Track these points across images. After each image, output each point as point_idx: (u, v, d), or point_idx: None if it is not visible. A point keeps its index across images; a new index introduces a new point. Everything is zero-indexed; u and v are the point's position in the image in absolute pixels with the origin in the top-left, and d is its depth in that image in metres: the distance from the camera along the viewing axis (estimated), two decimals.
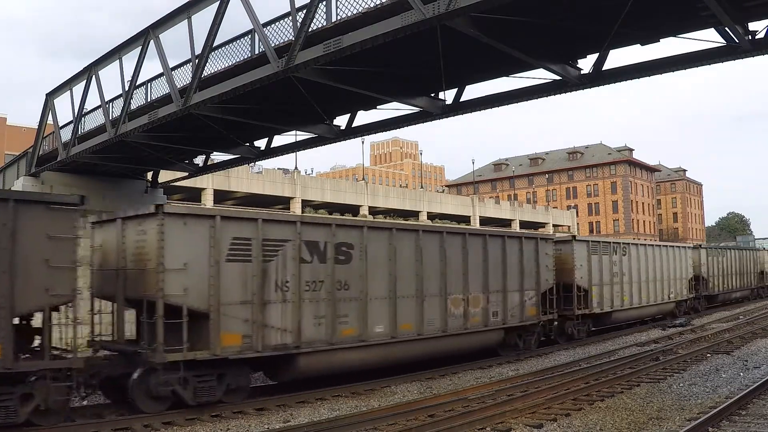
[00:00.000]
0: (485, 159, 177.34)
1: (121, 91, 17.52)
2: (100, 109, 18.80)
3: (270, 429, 10.41)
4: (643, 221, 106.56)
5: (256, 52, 13.96)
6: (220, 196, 45.55)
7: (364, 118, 18.14)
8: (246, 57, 14.27)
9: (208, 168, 25.88)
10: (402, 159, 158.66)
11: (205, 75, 14.52)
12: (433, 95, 15.64)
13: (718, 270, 34.60)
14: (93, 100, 19.87)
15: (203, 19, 14.27)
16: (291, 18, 12.17)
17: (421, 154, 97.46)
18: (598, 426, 10.11)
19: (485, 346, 17.77)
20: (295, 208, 48.54)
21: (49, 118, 21.80)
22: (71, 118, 20.02)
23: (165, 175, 26.77)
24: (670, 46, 18.01)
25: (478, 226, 59.88)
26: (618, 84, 13.97)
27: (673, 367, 15.54)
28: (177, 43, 17.69)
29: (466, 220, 65.01)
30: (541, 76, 13.90)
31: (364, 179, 65.24)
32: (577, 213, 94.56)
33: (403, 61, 13.62)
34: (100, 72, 18.34)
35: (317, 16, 11.69)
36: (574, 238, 22.47)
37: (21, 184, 22.89)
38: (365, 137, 32.70)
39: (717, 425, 9.81)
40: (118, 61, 17.45)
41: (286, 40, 12.81)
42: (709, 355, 17.57)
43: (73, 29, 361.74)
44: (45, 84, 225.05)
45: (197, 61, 14.23)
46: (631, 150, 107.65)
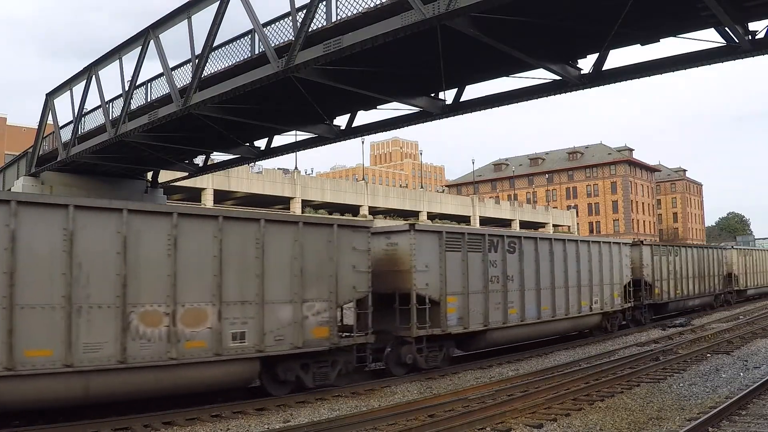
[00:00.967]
0: (485, 159, 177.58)
1: (121, 91, 17.54)
2: (100, 109, 18.82)
3: (270, 429, 10.40)
4: (643, 221, 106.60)
5: (256, 52, 13.97)
6: (220, 196, 45.57)
7: (364, 118, 18.18)
8: (246, 57, 14.29)
9: (208, 168, 25.90)
10: (402, 159, 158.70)
11: (205, 75, 14.53)
12: (433, 95, 15.65)
13: (667, 272, 28.15)
14: (93, 100, 19.92)
15: (203, 19, 14.30)
16: (291, 18, 12.18)
17: (421, 154, 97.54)
18: (598, 426, 10.11)
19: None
20: (295, 208, 48.56)
21: (49, 118, 21.82)
22: (71, 118, 20.04)
23: (165, 175, 26.80)
24: (670, 46, 18.06)
25: (478, 226, 59.90)
26: (618, 84, 13.98)
27: (673, 367, 15.52)
28: (177, 43, 17.71)
29: (466, 220, 65.02)
30: (541, 76, 13.93)
31: (364, 179, 65.25)
32: (577, 213, 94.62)
33: (403, 61, 13.63)
34: (100, 72, 18.36)
35: (317, 16, 11.70)
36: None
37: (21, 184, 22.91)
38: (365, 137, 32.77)
39: (717, 425, 9.80)
40: (118, 61, 17.48)
41: (286, 40, 12.82)
42: (709, 355, 17.57)
43: (73, 29, 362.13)
44: (45, 84, 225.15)
45: (197, 61, 14.24)
46: (631, 150, 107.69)
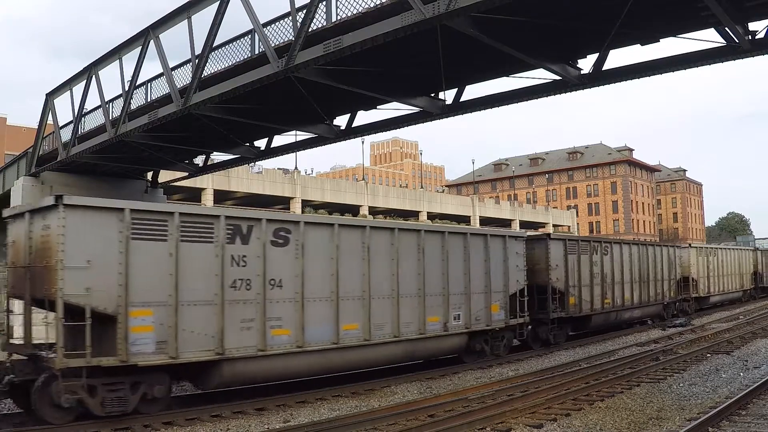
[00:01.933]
0: (485, 159, 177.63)
1: (121, 91, 17.52)
2: (100, 109, 18.81)
3: (270, 429, 10.41)
4: (643, 221, 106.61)
5: (256, 52, 13.96)
6: (220, 196, 45.55)
7: (364, 118, 18.16)
8: (246, 57, 14.28)
9: (208, 168, 25.89)
10: (402, 159, 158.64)
11: (205, 75, 14.52)
12: (433, 95, 15.65)
13: (590, 276, 21.83)
14: (93, 100, 19.89)
15: (203, 19, 14.29)
16: (291, 18, 12.17)
17: (421, 154, 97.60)
18: (598, 426, 10.11)
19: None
20: (295, 208, 48.55)
21: (49, 118, 21.81)
22: (71, 118, 20.03)
23: (165, 175, 26.78)
24: (670, 46, 18.00)
25: (478, 226, 59.86)
26: (618, 84, 13.96)
27: (673, 367, 15.53)
28: (177, 43, 17.71)
29: (466, 220, 65.01)
30: (541, 76, 13.92)
31: (364, 179, 65.25)
32: (577, 213, 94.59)
33: (403, 61, 13.62)
34: (100, 72, 18.35)
35: (317, 16, 11.69)
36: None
37: (21, 184, 22.90)
38: (365, 137, 32.75)
39: (717, 425, 9.80)
40: (118, 61, 17.47)
41: (286, 40, 12.81)
42: (709, 355, 17.57)
43: (76, 30, 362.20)
44: (47, 84, 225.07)
45: (197, 61, 14.24)
46: (631, 150, 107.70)
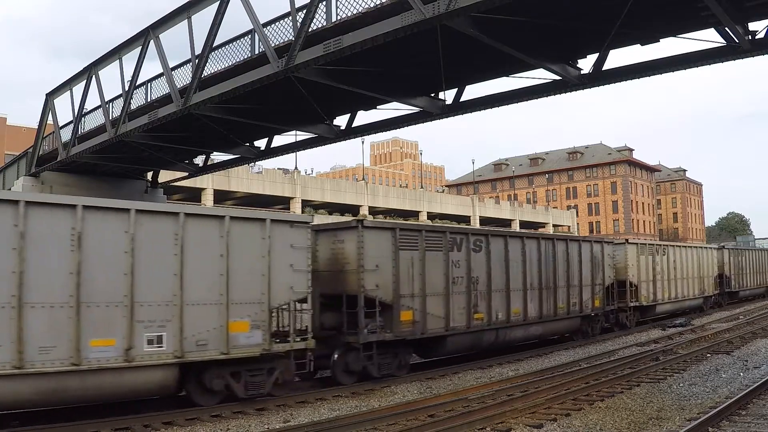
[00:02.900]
0: (485, 159, 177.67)
1: (121, 91, 17.53)
2: (100, 109, 18.82)
3: (270, 429, 10.40)
4: (643, 221, 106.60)
5: (256, 52, 13.97)
6: (220, 196, 45.56)
7: (364, 118, 18.18)
8: (246, 57, 14.29)
9: (208, 168, 25.91)
10: (402, 159, 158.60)
11: (205, 75, 14.53)
12: (433, 95, 15.66)
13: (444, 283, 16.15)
14: (93, 100, 19.90)
15: (203, 19, 14.29)
16: (291, 18, 12.18)
17: (421, 154, 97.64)
18: (598, 426, 10.11)
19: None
20: (295, 208, 48.54)
21: (49, 118, 21.82)
22: (71, 118, 20.04)
23: (165, 175, 26.80)
24: (670, 46, 18.04)
25: (478, 226, 59.86)
26: (618, 84, 13.96)
27: (673, 367, 15.52)
28: (177, 43, 17.71)
29: (466, 220, 65.02)
30: (541, 76, 13.93)
31: (364, 179, 65.24)
32: (577, 213, 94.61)
33: (403, 61, 13.63)
34: (100, 72, 18.36)
35: (317, 16, 11.70)
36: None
37: (21, 184, 22.90)
38: (365, 137, 32.77)
39: (717, 425, 9.80)
40: (118, 61, 17.48)
41: (286, 40, 12.82)
42: (709, 355, 17.56)
43: (76, 30, 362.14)
44: (47, 84, 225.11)
45: (197, 61, 14.24)
46: (631, 150, 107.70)
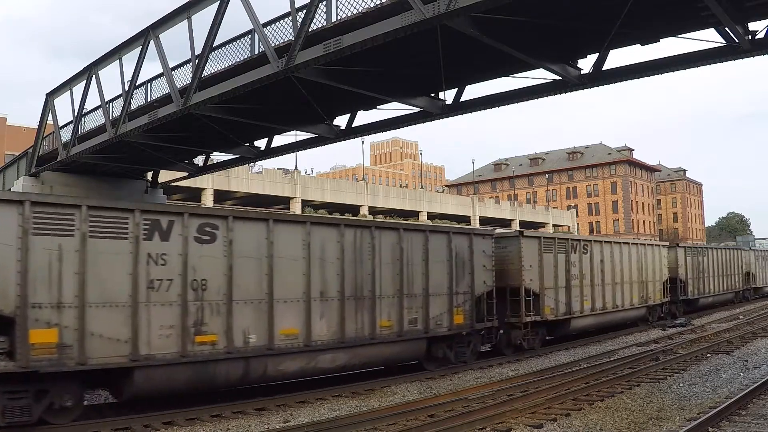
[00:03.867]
0: (485, 159, 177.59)
1: (121, 91, 17.52)
2: (100, 109, 18.80)
3: (270, 429, 10.40)
4: (643, 221, 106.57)
5: (256, 52, 13.96)
6: (220, 196, 45.58)
7: (364, 118, 18.15)
8: (246, 57, 14.27)
9: (208, 168, 25.89)
10: (402, 159, 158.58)
11: (205, 75, 14.52)
12: (433, 95, 15.64)
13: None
14: (93, 100, 19.89)
15: (203, 19, 14.29)
16: (291, 18, 12.17)
17: (421, 154, 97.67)
18: (598, 426, 10.11)
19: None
20: (295, 208, 48.55)
21: (49, 118, 21.81)
22: (71, 118, 20.03)
23: (165, 175, 26.79)
24: (670, 46, 17.99)
25: (478, 226, 59.85)
26: (618, 84, 13.95)
27: (673, 367, 15.52)
28: (177, 43, 17.70)
29: (466, 220, 64.99)
30: (541, 76, 13.91)
31: (364, 179, 65.23)
32: (577, 213, 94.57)
33: (403, 61, 13.62)
34: (100, 72, 18.35)
35: (317, 16, 11.69)
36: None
37: (21, 185, 22.90)
38: (365, 137, 32.76)
39: (717, 425, 9.80)
40: (118, 61, 17.47)
41: (286, 40, 12.80)
42: (709, 355, 17.56)
43: (76, 30, 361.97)
44: (47, 84, 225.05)
45: (197, 61, 14.23)
46: (631, 150, 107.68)
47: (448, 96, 15.63)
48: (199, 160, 24.30)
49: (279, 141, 21.00)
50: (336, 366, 13.65)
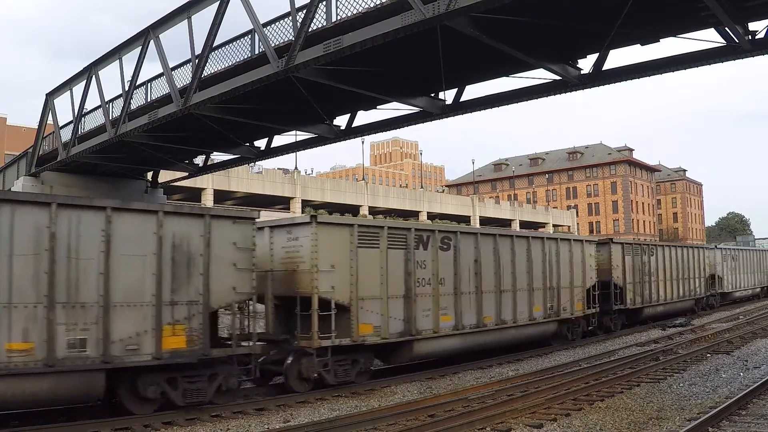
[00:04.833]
0: (485, 159, 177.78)
1: (121, 91, 17.53)
2: (100, 109, 18.82)
3: (270, 429, 10.40)
4: (643, 221, 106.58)
5: (256, 52, 13.97)
6: (220, 196, 45.57)
7: (364, 118, 18.17)
8: (246, 57, 14.29)
9: (208, 168, 25.90)
10: (402, 159, 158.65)
11: (205, 75, 14.53)
12: (433, 95, 15.65)
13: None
14: (93, 100, 19.90)
15: (203, 19, 14.30)
16: (291, 18, 12.18)
17: (421, 154, 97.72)
18: (598, 426, 10.11)
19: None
20: (295, 208, 48.55)
21: (49, 118, 21.82)
22: (71, 118, 20.04)
23: (165, 175, 26.80)
24: (670, 46, 18.02)
25: (479, 226, 59.86)
26: (618, 84, 13.96)
27: (673, 367, 15.51)
28: (177, 43, 17.71)
29: (467, 220, 65.01)
30: (541, 76, 13.93)
31: (364, 179, 65.25)
32: (577, 213, 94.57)
33: (403, 61, 13.63)
34: (100, 72, 18.37)
35: (317, 16, 11.70)
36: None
37: (21, 184, 22.91)
38: (365, 137, 32.76)
39: (717, 425, 9.79)
40: (118, 61, 17.48)
41: (286, 40, 12.82)
42: (709, 355, 17.56)
43: (76, 30, 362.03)
44: (47, 84, 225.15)
45: (197, 61, 14.24)
46: (631, 150, 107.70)
47: (448, 96, 15.65)
48: (199, 160, 24.31)
49: (279, 141, 21.04)
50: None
